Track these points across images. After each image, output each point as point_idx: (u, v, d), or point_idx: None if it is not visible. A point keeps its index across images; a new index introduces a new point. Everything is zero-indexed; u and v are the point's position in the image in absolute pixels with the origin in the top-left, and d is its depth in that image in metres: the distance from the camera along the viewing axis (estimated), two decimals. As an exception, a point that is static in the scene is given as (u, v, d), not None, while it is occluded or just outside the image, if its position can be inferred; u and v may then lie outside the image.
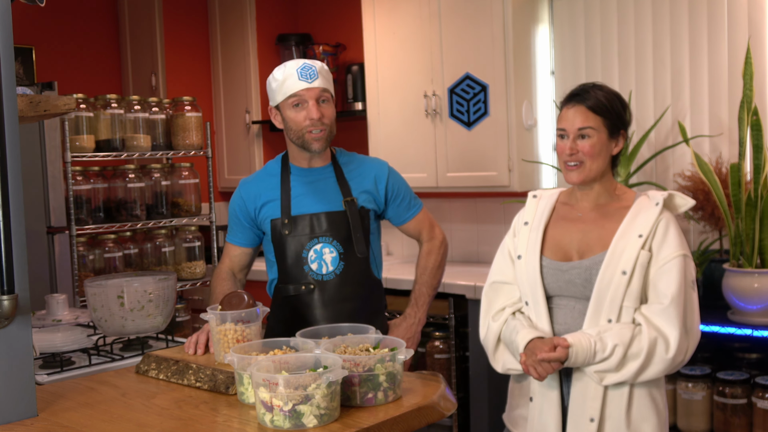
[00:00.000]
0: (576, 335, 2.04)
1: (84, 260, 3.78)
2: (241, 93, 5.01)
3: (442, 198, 4.48)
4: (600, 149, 2.13)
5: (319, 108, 2.48)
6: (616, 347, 2.01)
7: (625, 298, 2.05)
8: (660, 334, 2.01)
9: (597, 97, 2.14)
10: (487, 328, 2.23)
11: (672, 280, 2.03)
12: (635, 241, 2.07)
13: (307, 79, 2.47)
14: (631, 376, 2.03)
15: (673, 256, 2.05)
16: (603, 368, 2.03)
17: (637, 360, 2.01)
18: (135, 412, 1.87)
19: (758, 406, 3.03)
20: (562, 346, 2.01)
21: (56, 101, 2.00)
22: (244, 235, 2.64)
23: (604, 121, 2.13)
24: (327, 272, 2.53)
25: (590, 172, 2.13)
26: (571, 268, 2.12)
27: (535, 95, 3.94)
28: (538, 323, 2.14)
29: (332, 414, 1.69)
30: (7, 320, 1.78)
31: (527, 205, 2.30)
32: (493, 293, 2.26)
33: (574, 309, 2.12)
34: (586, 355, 2.02)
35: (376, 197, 2.61)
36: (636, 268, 2.05)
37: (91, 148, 3.73)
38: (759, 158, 3.06)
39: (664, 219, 2.10)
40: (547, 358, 2.01)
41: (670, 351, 2.00)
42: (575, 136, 2.13)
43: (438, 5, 4.01)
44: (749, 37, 3.27)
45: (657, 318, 2.02)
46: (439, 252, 2.74)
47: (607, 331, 2.03)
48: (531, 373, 2.06)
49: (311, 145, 2.51)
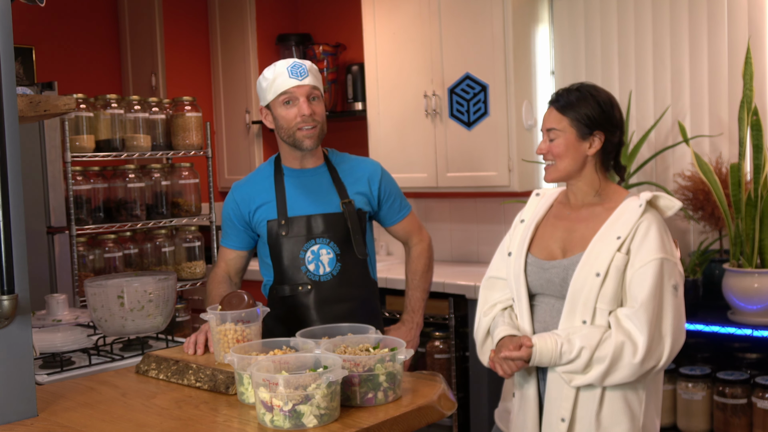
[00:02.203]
0: (543, 336, 2.05)
1: (84, 260, 3.78)
2: (241, 93, 5.01)
3: (442, 198, 4.48)
4: (566, 149, 2.13)
5: (309, 105, 2.48)
6: (582, 350, 2.00)
7: (598, 300, 2.03)
8: (628, 338, 1.98)
9: (568, 99, 2.15)
10: (478, 322, 2.26)
11: (645, 284, 2.00)
12: (612, 243, 2.05)
13: (297, 77, 2.48)
14: (596, 380, 2.01)
15: (649, 259, 2.01)
16: (570, 369, 2.03)
17: (602, 364, 1.99)
18: (135, 412, 1.87)
19: (758, 406, 3.03)
20: (525, 345, 2.03)
21: (56, 101, 2.00)
22: (238, 239, 2.64)
23: (571, 122, 2.13)
24: (324, 273, 2.53)
25: (559, 172, 2.16)
26: (552, 266, 2.13)
27: (535, 95, 3.94)
28: (520, 320, 2.16)
29: (332, 414, 1.69)
30: (7, 320, 1.78)
31: (528, 202, 2.32)
32: (488, 288, 2.29)
33: (553, 308, 2.13)
34: (551, 355, 2.02)
35: (370, 198, 2.61)
36: (610, 270, 2.03)
37: (91, 148, 3.73)
38: (759, 158, 3.06)
39: (645, 221, 2.06)
40: (510, 356, 2.04)
41: (637, 356, 1.97)
42: (545, 136, 2.17)
43: (438, 5, 4.01)
44: (749, 37, 3.27)
45: (627, 322, 2.00)
46: (429, 255, 2.76)
47: (576, 332, 2.02)
48: (497, 369, 2.08)
49: (302, 142, 2.51)
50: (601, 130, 2.14)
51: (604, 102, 2.14)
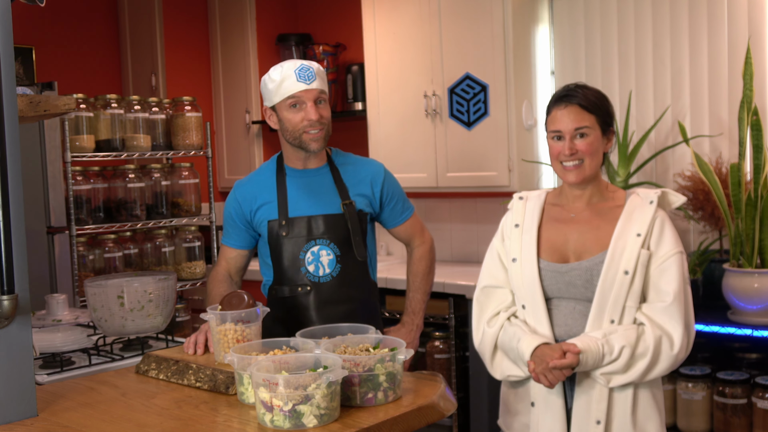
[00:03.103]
0: (584, 339, 2.03)
1: (84, 260, 3.78)
2: (241, 93, 5.01)
3: (442, 198, 4.48)
4: (597, 147, 2.14)
5: (317, 109, 2.48)
6: (623, 348, 2.01)
7: (628, 298, 2.05)
8: (664, 332, 2.03)
9: (587, 96, 2.14)
10: (482, 333, 2.20)
11: (672, 278, 2.05)
12: (634, 240, 2.07)
13: (305, 80, 2.47)
14: (638, 376, 2.03)
15: (671, 253, 2.07)
16: (610, 370, 2.04)
17: (645, 359, 2.02)
18: (135, 412, 1.87)
19: (758, 406, 3.03)
20: (572, 352, 2.00)
21: (56, 101, 2.00)
22: (239, 237, 2.64)
23: (597, 119, 2.14)
24: (324, 274, 2.53)
25: (589, 171, 2.14)
26: (571, 269, 2.12)
27: (535, 95, 3.94)
28: (537, 326, 2.12)
29: (332, 414, 1.69)
30: (7, 320, 1.78)
31: (514, 207, 2.28)
32: (484, 298, 2.24)
33: (574, 310, 2.12)
34: (595, 359, 2.02)
35: (372, 200, 2.61)
36: (638, 267, 2.05)
37: (91, 148, 3.73)
38: (759, 158, 3.06)
39: (659, 217, 2.11)
40: (559, 365, 1.99)
41: (674, 348, 2.02)
42: (572, 135, 2.13)
43: (438, 5, 4.01)
44: (749, 37, 3.27)
45: (660, 316, 2.03)
46: (430, 257, 2.75)
47: (612, 333, 2.03)
48: (542, 381, 2.03)
49: (309, 145, 2.50)
50: (613, 128, 2.20)
51: (609, 101, 2.21)
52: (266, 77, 2.53)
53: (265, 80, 2.54)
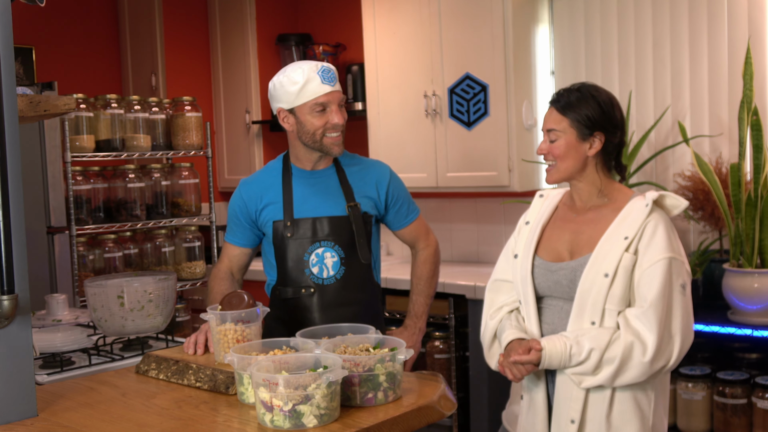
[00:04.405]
0: (552, 338, 2.04)
1: (84, 260, 3.78)
2: (241, 93, 5.01)
3: (442, 198, 4.48)
4: (567, 150, 2.13)
5: (341, 113, 2.48)
6: (592, 351, 1.99)
7: (607, 301, 2.03)
8: (637, 338, 1.98)
9: (569, 99, 2.13)
10: (485, 325, 2.24)
11: (654, 284, 1.99)
12: (620, 243, 2.05)
13: (330, 82, 2.46)
14: (606, 380, 2.01)
15: (657, 259, 2.01)
16: (580, 371, 2.03)
17: (612, 365, 1.99)
18: (135, 412, 1.87)
19: (758, 406, 3.03)
20: (535, 349, 2.02)
21: (56, 101, 2.00)
22: (243, 236, 2.63)
23: (571, 123, 2.12)
24: (328, 276, 2.52)
25: (561, 173, 2.15)
26: (559, 268, 2.12)
27: (535, 95, 3.94)
28: (527, 323, 2.16)
29: (332, 414, 1.69)
30: (7, 320, 1.78)
31: (532, 204, 2.31)
32: (494, 291, 2.28)
33: (561, 310, 2.12)
34: (560, 358, 2.02)
35: (377, 202, 2.60)
36: (618, 270, 2.02)
37: (91, 148, 3.73)
38: (759, 158, 3.06)
39: (653, 221, 2.06)
40: (519, 361, 2.03)
41: (647, 355, 1.97)
42: (546, 137, 2.16)
43: (438, 5, 4.01)
44: (749, 37, 3.27)
45: (636, 321, 1.99)
46: (435, 260, 2.74)
47: (584, 334, 2.01)
48: (506, 374, 2.08)
49: (332, 149, 2.50)
50: (601, 131, 2.12)
51: (604, 102, 2.13)
52: (284, 78, 2.46)
53: (282, 81, 2.47)
